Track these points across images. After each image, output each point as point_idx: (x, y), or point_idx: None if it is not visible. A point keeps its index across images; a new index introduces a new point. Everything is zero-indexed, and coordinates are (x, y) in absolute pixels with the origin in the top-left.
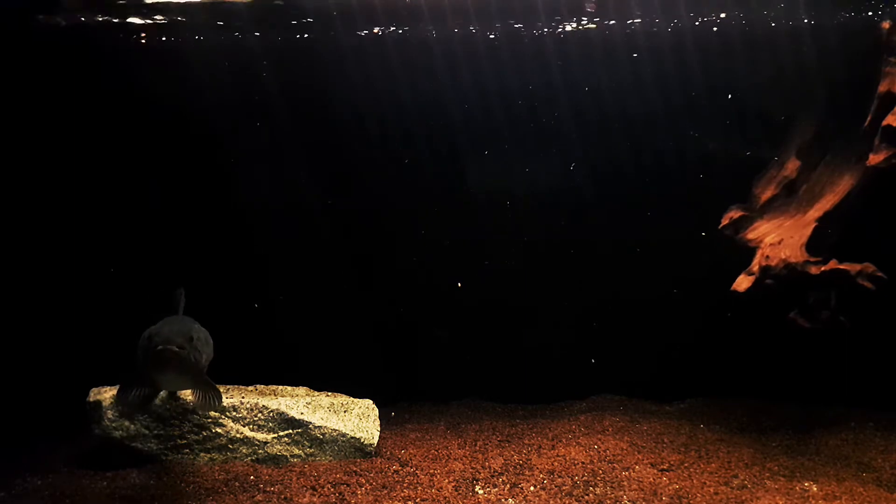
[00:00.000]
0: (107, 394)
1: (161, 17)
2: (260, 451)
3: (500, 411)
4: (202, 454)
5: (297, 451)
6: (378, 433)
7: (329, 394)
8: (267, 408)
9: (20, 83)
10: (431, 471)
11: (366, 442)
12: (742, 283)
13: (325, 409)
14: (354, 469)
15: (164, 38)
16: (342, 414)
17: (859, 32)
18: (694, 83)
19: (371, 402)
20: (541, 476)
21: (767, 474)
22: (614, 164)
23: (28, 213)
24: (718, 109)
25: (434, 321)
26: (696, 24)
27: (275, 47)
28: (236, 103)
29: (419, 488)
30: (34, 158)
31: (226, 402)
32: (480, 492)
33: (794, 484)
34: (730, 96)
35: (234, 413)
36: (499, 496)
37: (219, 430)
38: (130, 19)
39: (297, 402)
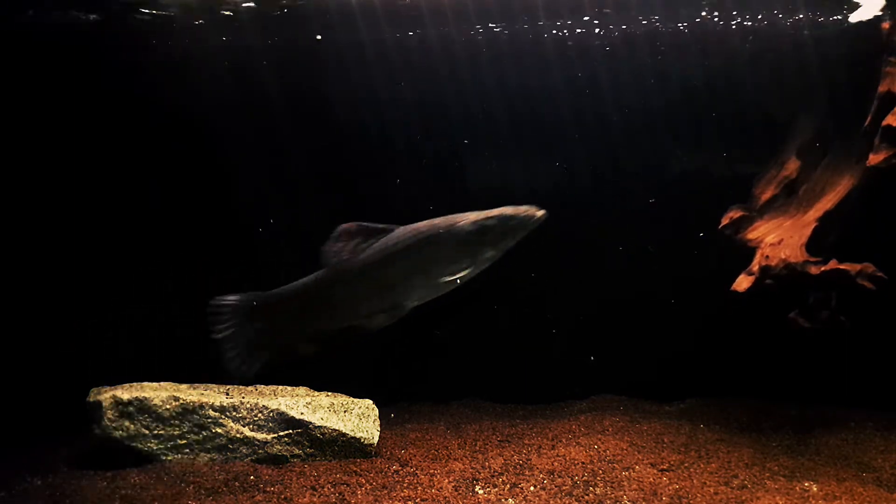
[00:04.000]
0: (107, 394)
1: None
2: (260, 450)
3: (500, 411)
4: (202, 454)
5: (297, 451)
6: (378, 433)
7: (329, 394)
8: (267, 408)
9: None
10: (431, 471)
11: (366, 442)
12: (742, 283)
13: (325, 409)
14: (354, 469)
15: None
16: (342, 414)
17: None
18: (694, 83)
19: (371, 402)
20: (541, 476)
21: (767, 474)
22: (615, 164)
23: (28, 213)
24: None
25: (434, 321)
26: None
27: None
28: (237, 104)
29: (419, 488)
30: (34, 158)
31: (226, 402)
32: (480, 492)
33: (795, 484)
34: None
35: (234, 413)
36: (499, 496)
37: (219, 430)
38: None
39: (297, 402)
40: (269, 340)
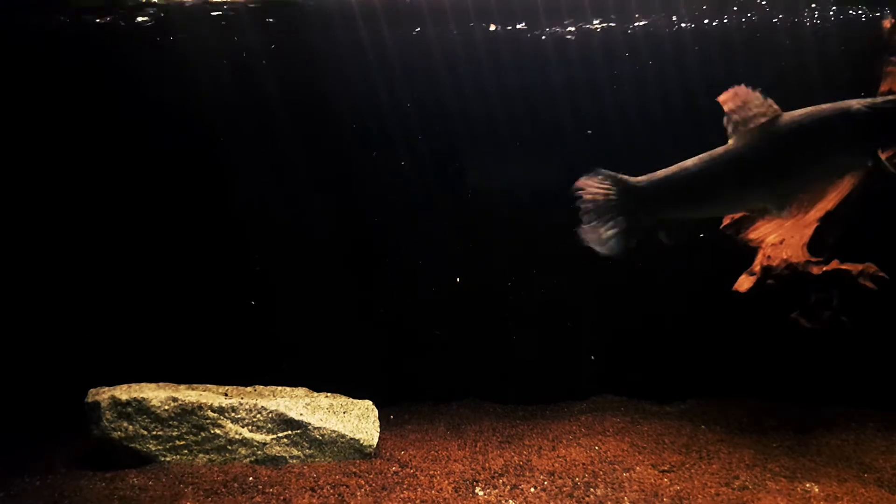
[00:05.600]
0: (105, 394)
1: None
2: (259, 452)
3: (500, 412)
4: (201, 455)
5: (296, 453)
6: (377, 434)
7: (328, 395)
8: (266, 409)
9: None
10: (431, 472)
11: (365, 443)
12: (743, 283)
13: (325, 410)
14: (354, 470)
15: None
16: (342, 415)
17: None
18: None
19: (371, 402)
20: (541, 477)
21: (769, 475)
22: (614, 163)
23: (28, 213)
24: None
25: (434, 321)
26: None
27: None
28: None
29: (419, 489)
30: (34, 158)
31: (225, 402)
32: (480, 493)
33: (796, 485)
34: None
35: (233, 414)
36: (499, 497)
37: (217, 431)
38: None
39: (297, 403)
40: (638, 223)
